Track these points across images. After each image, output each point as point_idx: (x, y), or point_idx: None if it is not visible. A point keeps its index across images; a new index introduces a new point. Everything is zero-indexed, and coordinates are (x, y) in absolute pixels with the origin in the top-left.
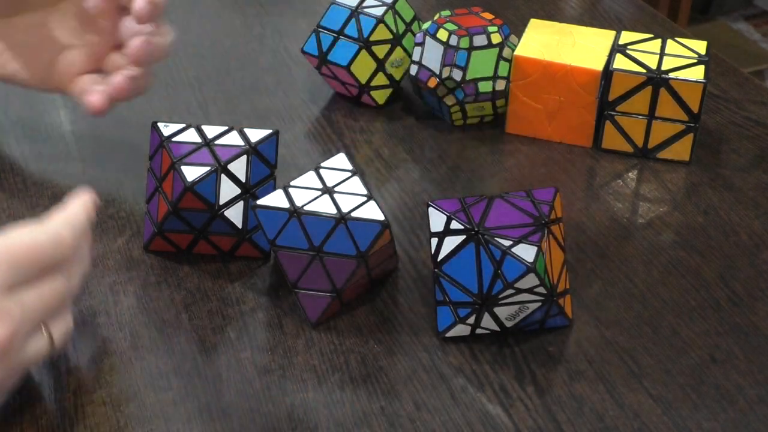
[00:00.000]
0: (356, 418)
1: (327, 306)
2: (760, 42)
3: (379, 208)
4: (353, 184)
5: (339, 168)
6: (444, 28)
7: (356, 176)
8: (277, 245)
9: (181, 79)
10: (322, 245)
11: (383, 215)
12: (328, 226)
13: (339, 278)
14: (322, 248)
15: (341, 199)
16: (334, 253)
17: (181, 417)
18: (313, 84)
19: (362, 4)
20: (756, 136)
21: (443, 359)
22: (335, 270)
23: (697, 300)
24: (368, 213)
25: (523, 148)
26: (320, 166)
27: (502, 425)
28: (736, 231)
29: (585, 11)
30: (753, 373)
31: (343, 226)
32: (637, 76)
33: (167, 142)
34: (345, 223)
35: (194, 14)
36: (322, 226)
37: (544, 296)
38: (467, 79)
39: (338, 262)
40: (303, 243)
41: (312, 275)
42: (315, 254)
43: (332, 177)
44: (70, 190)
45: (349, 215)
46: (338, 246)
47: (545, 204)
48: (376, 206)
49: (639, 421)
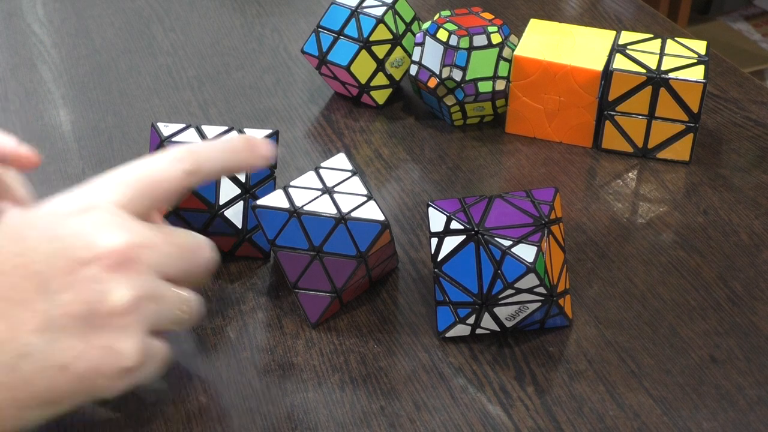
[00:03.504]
0: (356, 418)
1: (327, 306)
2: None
3: (379, 208)
4: (353, 184)
5: (339, 168)
6: (444, 28)
7: (356, 176)
8: (277, 245)
9: (181, 79)
10: (322, 245)
11: (383, 215)
12: (328, 226)
13: (339, 278)
14: (322, 248)
15: (341, 199)
16: (334, 253)
17: (181, 417)
18: (313, 84)
19: (362, 4)
20: (756, 136)
21: (443, 359)
22: (335, 270)
23: (697, 300)
24: (368, 213)
25: (523, 148)
26: (320, 166)
27: (502, 425)
28: (736, 231)
29: (585, 11)
30: (753, 373)
31: (343, 226)
32: (637, 76)
33: (167, 142)
34: (345, 223)
35: (194, 14)
36: (322, 226)
37: (544, 296)
38: (467, 79)
39: (338, 262)
40: (303, 243)
41: (312, 275)
42: (315, 254)
43: (332, 177)
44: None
45: (349, 215)
46: (338, 246)
47: (545, 204)
48: (376, 206)
49: (639, 421)
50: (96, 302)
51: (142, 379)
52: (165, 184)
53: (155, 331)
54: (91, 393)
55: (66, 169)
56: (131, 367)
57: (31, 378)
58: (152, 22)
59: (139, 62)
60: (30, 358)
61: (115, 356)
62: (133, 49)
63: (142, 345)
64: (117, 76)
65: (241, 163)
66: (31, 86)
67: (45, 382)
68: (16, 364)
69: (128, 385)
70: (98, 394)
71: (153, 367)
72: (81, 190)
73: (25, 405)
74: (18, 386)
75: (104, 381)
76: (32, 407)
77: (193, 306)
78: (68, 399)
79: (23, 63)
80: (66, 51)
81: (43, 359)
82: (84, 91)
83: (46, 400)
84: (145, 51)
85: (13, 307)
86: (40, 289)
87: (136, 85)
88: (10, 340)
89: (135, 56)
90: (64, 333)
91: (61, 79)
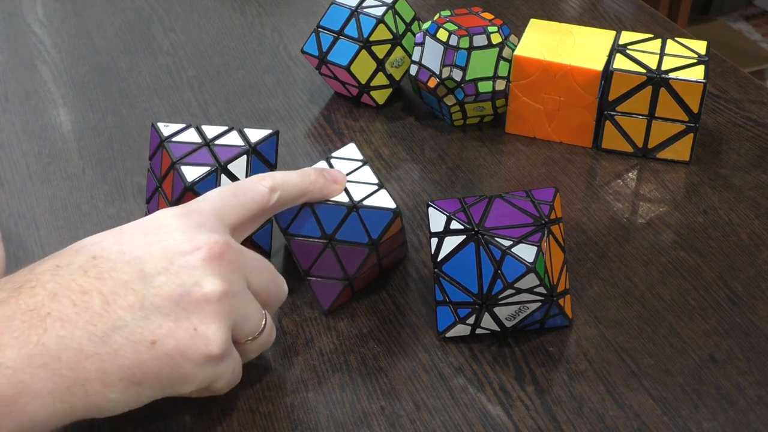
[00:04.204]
0: (356, 418)
1: (339, 293)
2: (760, 42)
3: (390, 196)
4: (364, 173)
5: (350, 158)
6: (444, 28)
7: (367, 165)
8: (289, 233)
9: (181, 79)
10: (335, 233)
11: (394, 203)
12: (341, 214)
13: (351, 266)
14: (334, 236)
15: (353, 187)
16: (346, 241)
17: (181, 417)
18: (313, 84)
19: (362, 4)
20: (756, 136)
21: (443, 359)
22: (347, 258)
23: (697, 300)
24: (380, 201)
25: (523, 148)
26: (331, 155)
27: (502, 425)
28: (736, 231)
29: (585, 11)
30: (753, 373)
31: (355, 214)
32: (637, 76)
33: (167, 142)
34: (357, 211)
35: (194, 14)
36: (334, 214)
37: (544, 296)
38: (467, 79)
39: (350, 249)
40: (315, 231)
41: (324, 263)
42: (327, 242)
43: (344, 166)
44: (70, 191)
45: (361, 203)
46: (350, 234)
47: (545, 204)
48: (388, 194)
49: (639, 421)
50: (190, 286)
51: (221, 376)
52: (251, 195)
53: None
54: (174, 378)
55: (66, 169)
56: (215, 355)
57: (121, 350)
58: (152, 22)
59: (139, 62)
60: (121, 331)
61: (202, 339)
62: (133, 49)
63: (225, 335)
64: (117, 76)
65: (320, 189)
66: (31, 86)
67: (133, 356)
68: (108, 336)
69: (210, 377)
70: (179, 383)
71: (231, 368)
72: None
73: (111, 381)
74: (107, 359)
75: (188, 365)
76: (117, 384)
77: (269, 326)
78: (152, 380)
79: (23, 63)
80: (66, 51)
81: (133, 333)
82: (84, 91)
83: (130, 377)
84: (145, 51)
85: (111, 285)
86: (137, 271)
87: (136, 85)
88: (104, 314)
89: (135, 56)
90: (156, 312)
91: (61, 79)
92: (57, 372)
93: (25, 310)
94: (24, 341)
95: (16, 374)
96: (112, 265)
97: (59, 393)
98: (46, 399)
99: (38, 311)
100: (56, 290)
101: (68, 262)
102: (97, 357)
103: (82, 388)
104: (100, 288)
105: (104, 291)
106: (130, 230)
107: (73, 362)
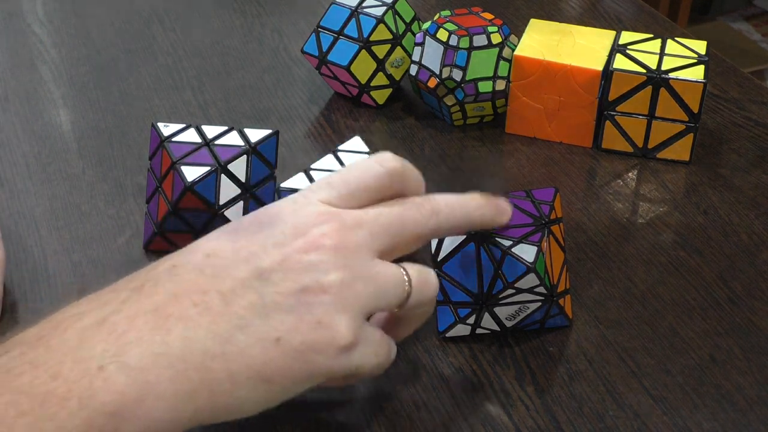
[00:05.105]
0: (356, 418)
1: None
2: (760, 42)
3: None
4: None
5: (356, 150)
6: (444, 28)
7: None
8: None
9: (181, 79)
10: None
11: None
12: None
13: None
14: None
15: None
16: None
17: None
18: (313, 84)
19: (362, 4)
20: (756, 136)
21: (443, 359)
22: None
23: (697, 300)
24: None
25: (523, 148)
26: (337, 148)
27: (502, 425)
28: (736, 231)
29: (585, 11)
30: (753, 373)
31: None
32: (637, 76)
33: (167, 142)
34: None
35: (194, 14)
36: None
37: (544, 296)
38: (467, 79)
39: None
40: None
41: None
42: None
43: (350, 159)
44: (70, 191)
45: None
46: None
47: (545, 204)
48: None
49: (639, 421)
50: (309, 279)
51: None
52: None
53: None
54: (308, 372)
55: (66, 169)
56: (345, 345)
57: (247, 350)
58: (152, 22)
59: (139, 62)
60: (245, 330)
61: (328, 331)
62: (133, 49)
63: (354, 323)
64: (117, 76)
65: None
66: (31, 86)
67: (259, 355)
68: (232, 336)
69: (347, 367)
70: (317, 374)
71: (372, 351)
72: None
73: (239, 379)
74: (233, 358)
75: (320, 358)
76: (245, 382)
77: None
78: (283, 376)
79: (23, 63)
80: (66, 51)
81: (257, 332)
82: (84, 91)
83: (259, 375)
84: (145, 51)
85: (229, 284)
86: (254, 269)
87: (136, 85)
88: (226, 313)
89: (135, 56)
90: (277, 309)
91: (61, 79)
92: (183, 373)
93: (147, 311)
94: (149, 341)
95: (141, 374)
96: (227, 264)
97: (185, 395)
98: (170, 401)
99: (160, 312)
100: (176, 290)
101: (185, 261)
102: (223, 357)
103: (208, 388)
104: (218, 287)
105: (223, 290)
106: (245, 225)
107: (198, 363)
